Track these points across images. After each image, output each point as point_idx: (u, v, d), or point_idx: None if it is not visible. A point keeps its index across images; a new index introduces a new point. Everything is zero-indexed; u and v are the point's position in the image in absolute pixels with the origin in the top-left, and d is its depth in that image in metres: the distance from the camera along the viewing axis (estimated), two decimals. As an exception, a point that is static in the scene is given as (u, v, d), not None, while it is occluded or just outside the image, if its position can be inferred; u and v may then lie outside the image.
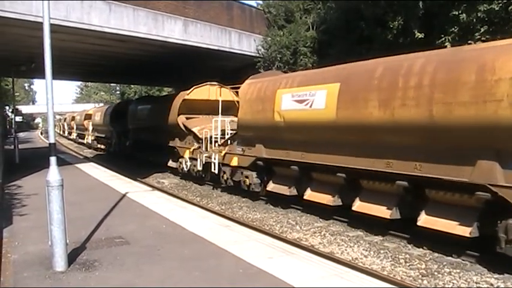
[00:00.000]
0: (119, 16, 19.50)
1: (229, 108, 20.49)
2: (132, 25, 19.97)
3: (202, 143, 20.37)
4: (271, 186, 16.19)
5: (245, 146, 17.21)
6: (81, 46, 23.05)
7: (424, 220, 10.42)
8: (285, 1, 27.70)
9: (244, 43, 26.23)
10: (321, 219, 14.09)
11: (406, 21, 18.07)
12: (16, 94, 54.07)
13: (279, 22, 27.14)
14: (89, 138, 51.48)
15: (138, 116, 30.84)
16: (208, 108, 22.36)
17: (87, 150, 48.93)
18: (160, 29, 21.25)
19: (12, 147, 28.97)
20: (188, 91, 22.82)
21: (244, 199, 18.00)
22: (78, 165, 24.60)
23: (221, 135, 19.34)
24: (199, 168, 20.76)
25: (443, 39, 16.67)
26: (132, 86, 66.82)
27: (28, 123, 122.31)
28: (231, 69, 27.02)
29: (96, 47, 23.37)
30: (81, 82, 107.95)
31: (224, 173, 18.91)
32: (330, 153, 12.96)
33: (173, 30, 21.88)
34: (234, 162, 17.89)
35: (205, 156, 19.99)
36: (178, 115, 22.83)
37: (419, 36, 17.13)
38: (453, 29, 16.65)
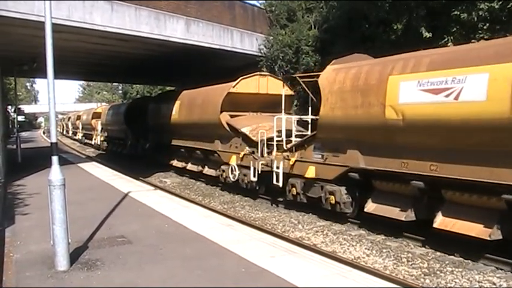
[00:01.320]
0: (121, 15, 19.48)
1: (278, 104, 17.16)
2: (134, 24, 19.95)
3: (257, 147, 16.75)
4: (372, 207, 12.28)
5: (328, 152, 13.39)
6: (83, 45, 23.05)
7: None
8: (288, 0, 27.67)
9: (246, 42, 26.19)
10: (323, 218, 14.07)
11: (409, 21, 18.04)
12: (18, 94, 54.17)
13: (281, 21, 27.10)
14: (97, 139, 47.63)
15: (162, 115, 26.29)
16: (257, 103, 19.79)
17: (89, 150, 48.94)
18: (163, 28, 21.23)
19: (15, 146, 28.97)
20: (233, 83, 19.19)
21: (246, 198, 18.02)
22: (81, 165, 24.62)
23: (279, 137, 15.74)
24: (253, 178, 16.87)
25: (446, 39, 16.66)
26: (134, 85, 66.84)
27: (30, 123, 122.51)
28: (233, 68, 26.91)
29: (98, 46, 23.36)
30: (83, 81, 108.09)
31: (293, 186, 14.99)
32: (489, 165, 9.33)
33: (175, 29, 21.85)
34: (310, 173, 13.98)
35: (263, 164, 16.26)
36: (221, 112, 19.11)
37: (428, 36, 17.09)
38: (455, 28, 16.64)
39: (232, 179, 18.36)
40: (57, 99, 7.88)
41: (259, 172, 16.39)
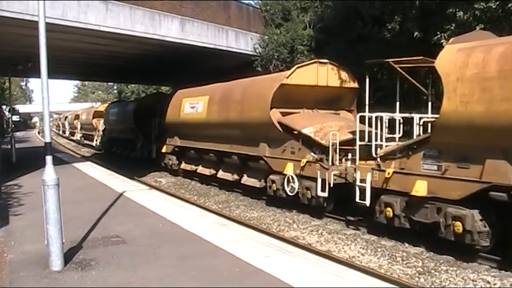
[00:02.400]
0: (115, 15, 19.45)
1: (337, 99, 15.20)
2: (129, 24, 19.92)
3: (325, 152, 13.72)
4: None
5: (450, 161, 9.99)
6: (78, 45, 23.01)
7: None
8: (283, 0, 27.68)
9: (241, 42, 26.20)
10: (318, 218, 14.08)
11: (403, 20, 18.06)
12: (13, 93, 54.00)
13: (276, 21, 27.11)
14: (99, 140, 44.58)
15: (182, 113, 23.22)
16: (313, 98, 16.41)
17: (84, 150, 48.80)
18: (157, 28, 21.21)
19: (9, 146, 28.89)
20: (286, 72, 16.00)
21: (242, 197, 18.00)
22: (76, 165, 24.56)
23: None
24: (321, 193, 13.32)
25: (439, 36, 16.67)
26: (129, 85, 66.77)
27: (25, 123, 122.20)
28: (228, 67, 26.94)
29: (93, 46, 23.32)
30: (78, 81, 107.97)
31: (387, 206, 11.42)
32: None
33: (170, 29, 21.83)
34: (420, 189, 10.52)
35: (335, 175, 13.05)
36: (271, 109, 15.61)
37: (418, 36, 17.10)
38: (450, 26, 16.65)
39: (290, 193, 14.60)
40: (52, 99, 7.89)
41: (332, 185, 13.04)
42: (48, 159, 7.37)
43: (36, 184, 7.86)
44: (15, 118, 42.51)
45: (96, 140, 45.63)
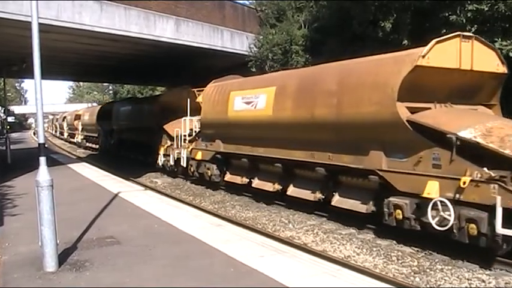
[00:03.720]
0: (110, 16, 19.45)
1: (478, 90, 11.86)
2: (123, 24, 19.92)
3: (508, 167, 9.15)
4: None
5: None
6: (73, 46, 22.99)
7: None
8: (278, 0, 27.70)
9: (236, 42, 26.22)
10: (314, 218, 14.09)
11: (397, 21, 18.12)
12: (8, 94, 53.81)
13: (270, 21, 27.12)
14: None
15: (225, 111, 18.60)
16: (448, 88, 11.55)
17: (80, 150, 48.68)
18: (152, 28, 21.22)
19: (4, 147, 28.81)
20: (421, 49, 10.78)
21: (237, 198, 17.99)
22: (71, 165, 24.48)
23: None
24: (504, 230, 8.61)
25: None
26: (125, 85, 66.71)
27: (20, 124, 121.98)
28: (223, 68, 26.93)
29: (88, 46, 23.31)
30: (73, 82, 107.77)
31: None
32: None
33: (165, 29, 21.84)
34: None
35: None
36: (399, 101, 10.80)
37: (406, 44, 17.15)
38: (444, 30, 16.73)
39: (438, 226, 9.73)
40: (47, 100, 7.88)
41: None
42: (42, 160, 7.35)
43: (31, 185, 7.84)
44: (10, 119, 42.32)
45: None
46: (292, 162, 14.69)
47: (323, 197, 13.77)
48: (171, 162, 23.47)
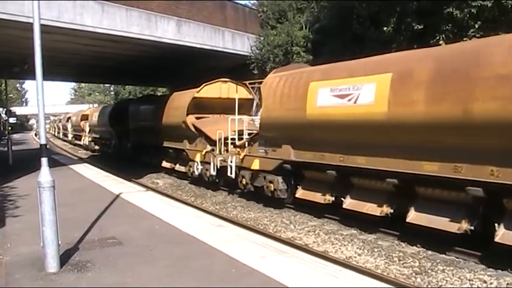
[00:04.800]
0: (111, 16, 19.47)
1: None
2: (125, 25, 19.94)
3: None
4: None
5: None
6: (74, 47, 23.01)
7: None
8: (279, 0, 27.69)
9: (237, 43, 26.23)
10: (315, 218, 14.08)
11: (399, 20, 18.11)
12: (10, 95, 53.87)
13: (270, 22, 27.12)
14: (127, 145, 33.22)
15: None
16: None
17: (81, 151, 48.67)
18: (154, 29, 21.23)
19: (6, 149, 28.82)
20: None
21: (238, 199, 17.98)
22: (72, 166, 24.50)
23: None
24: None
25: (437, 37, 16.73)
26: (126, 86, 66.78)
27: (22, 125, 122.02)
28: (225, 68, 26.97)
29: (89, 47, 23.33)
30: (75, 83, 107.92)
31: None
32: None
33: (166, 30, 21.85)
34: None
35: None
36: None
37: (419, 27, 17.09)
38: (447, 26, 16.71)
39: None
40: (49, 101, 7.89)
41: None
42: (44, 161, 7.36)
43: (33, 186, 7.85)
44: (12, 120, 42.30)
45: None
46: (417, 178, 10.63)
47: (470, 227, 9.63)
48: (212, 172, 19.25)
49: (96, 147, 44.60)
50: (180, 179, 22.53)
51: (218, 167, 18.71)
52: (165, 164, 25.80)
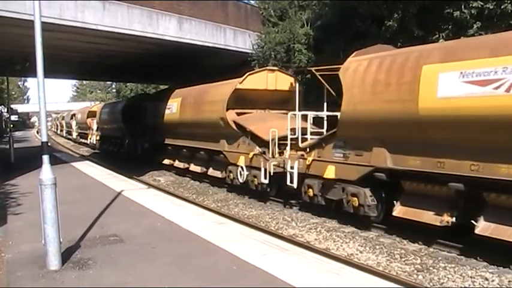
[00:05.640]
0: (113, 14, 19.43)
1: None
2: (126, 23, 19.90)
3: None
4: None
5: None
6: (75, 44, 22.98)
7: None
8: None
9: (239, 40, 26.18)
10: (316, 216, 14.08)
11: (402, 18, 18.07)
12: (12, 93, 53.89)
13: (271, 19, 27.08)
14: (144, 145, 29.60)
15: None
16: None
17: (83, 149, 48.69)
18: (155, 27, 21.19)
19: (8, 146, 28.83)
20: None
21: (240, 196, 17.97)
22: (74, 164, 24.53)
23: None
24: None
25: (437, 35, 16.69)
26: (128, 84, 66.77)
27: (24, 122, 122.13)
28: (226, 66, 26.93)
29: (91, 45, 23.29)
30: (76, 81, 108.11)
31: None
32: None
33: (168, 27, 21.81)
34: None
35: None
36: None
37: (420, 34, 17.07)
38: (447, 26, 16.67)
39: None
40: (50, 99, 7.89)
41: None
42: (45, 158, 7.37)
43: (34, 184, 7.85)
44: (13, 118, 42.21)
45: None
46: None
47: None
48: (263, 179, 15.83)
49: (105, 146, 40.91)
50: (212, 184, 20.48)
51: (271, 174, 15.38)
52: (193, 167, 22.46)
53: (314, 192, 13.75)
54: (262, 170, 15.73)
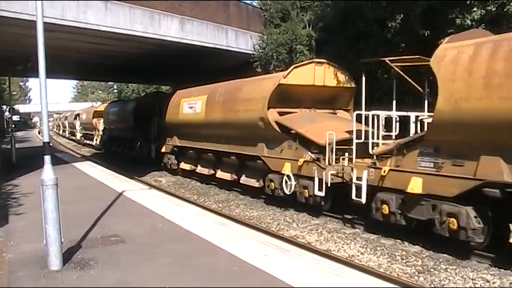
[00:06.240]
0: (115, 14, 19.44)
1: None
2: (128, 23, 19.91)
3: None
4: None
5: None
6: (78, 45, 22.99)
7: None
8: (282, 0, 27.65)
9: (241, 41, 26.17)
10: (318, 217, 14.06)
11: (404, 20, 18.05)
12: (13, 93, 53.95)
13: (274, 21, 27.08)
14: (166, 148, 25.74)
15: None
16: None
17: (84, 149, 48.71)
18: (157, 27, 21.19)
19: (9, 146, 28.87)
20: None
21: (241, 197, 17.97)
22: (75, 164, 24.54)
23: None
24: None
25: (442, 40, 16.68)
26: (129, 84, 66.83)
27: (25, 122, 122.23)
28: (228, 67, 26.93)
29: (93, 45, 23.30)
30: (78, 81, 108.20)
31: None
32: None
33: (169, 28, 21.81)
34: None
35: None
36: None
37: (423, 33, 17.03)
38: (451, 30, 16.68)
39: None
40: (52, 99, 7.90)
41: None
42: (47, 158, 7.38)
43: (36, 184, 7.87)
44: (15, 118, 42.18)
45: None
46: None
47: None
48: (317, 191, 13.41)
49: (113, 148, 38.42)
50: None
51: (328, 185, 13.07)
52: (221, 174, 19.86)
53: (391, 209, 11.29)
54: (316, 180, 13.32)
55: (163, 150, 25.64)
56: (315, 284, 6.60)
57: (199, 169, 22.02)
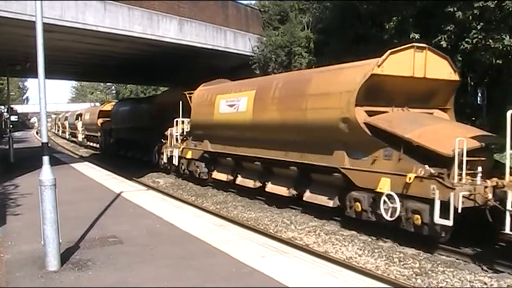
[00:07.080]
0: (113, 15, 19.48)
1: None
2: (127, 24, 19.94)
3: None
4: None
5: None
6: (76, 45, 23.01)
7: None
8: (280, 1, 27.69)
9: (239, 42, 26.21)
10: (316, 219, 14.07)
11: (401, 21, 18.10)
12: (11, 93, 53.87)
13: (273, 24, 27.12)
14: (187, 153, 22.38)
15: None
16: None
17: (82, 150, 48.64)
18: (156, 28, 21.23)
19: (7, 146, 28.84)
20: None
21: (239, 198, 17.96)
22: (73, 165, 24.50)
23: None
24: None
25: (439, 37, 16.71)
26: (127, 85, 66.83)
27: (23, 123, 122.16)
28: (226, 68, 26.97)
29: (91, 46, 23.32)
30: (76, 82, 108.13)
31: None
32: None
33: (168, 29, 21.85)
34: None
35: None
36: None
37: (416, 37, 17.08)
38: (449, 27, 16.69)
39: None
40: (50, 99, 7.90)
41: None
42: (45, 159, 7.37)
43: (34, 184, 7.87)
44: (13, 118, 42.17)
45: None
46: None
47: None
48: (437, 218, 9.71)
49: (121, 152, 35.86)
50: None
51: (459, 210, 9.46)
52: (273, 188, 16.10)
53: None
54: (438, 203, 9.69)
55: (188, 156, 21.97)
56: (312, 286, 6.60)
57: (240, 180, 18.23)
